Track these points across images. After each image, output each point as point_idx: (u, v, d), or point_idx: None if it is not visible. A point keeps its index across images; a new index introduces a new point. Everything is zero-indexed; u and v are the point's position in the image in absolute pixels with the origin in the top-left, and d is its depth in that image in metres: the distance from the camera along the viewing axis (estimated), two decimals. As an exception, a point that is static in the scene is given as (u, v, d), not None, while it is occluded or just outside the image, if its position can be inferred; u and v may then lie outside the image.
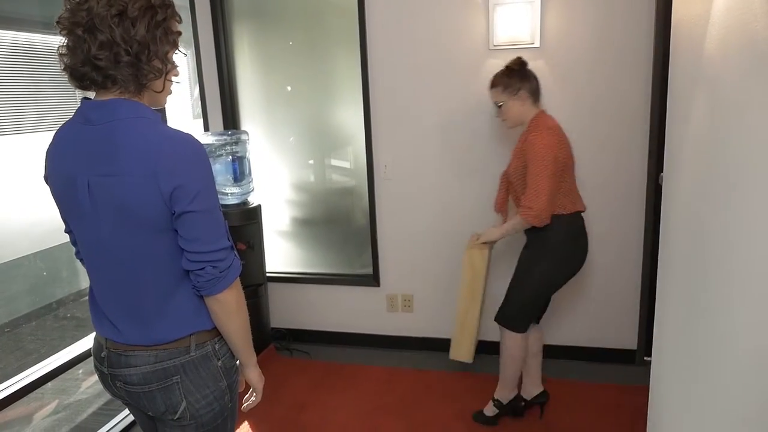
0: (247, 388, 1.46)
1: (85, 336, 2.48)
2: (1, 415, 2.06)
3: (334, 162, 3.37)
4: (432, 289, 3.24)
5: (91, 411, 2.83)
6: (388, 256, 3.26)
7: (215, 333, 1.32)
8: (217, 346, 1.32)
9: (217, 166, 3.04)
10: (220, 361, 1.33)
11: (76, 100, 1.24)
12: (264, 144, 3.39)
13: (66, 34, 1.14)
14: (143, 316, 1.26)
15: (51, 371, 2.27)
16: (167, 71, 1.23)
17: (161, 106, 1.29)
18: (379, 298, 3.34)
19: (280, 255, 3.51)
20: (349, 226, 3.41)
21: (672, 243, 1.48)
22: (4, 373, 2.75)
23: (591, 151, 2.87)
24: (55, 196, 1.28)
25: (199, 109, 3.28)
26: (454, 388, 2.88)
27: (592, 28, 2.75)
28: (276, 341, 3.44)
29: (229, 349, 1.36)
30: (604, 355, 3.08)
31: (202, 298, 1.27)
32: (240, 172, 3.11)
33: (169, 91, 1.28)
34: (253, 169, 3.24)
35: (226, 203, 3.09)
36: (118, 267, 1.23)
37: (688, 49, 1.38)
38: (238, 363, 1.40)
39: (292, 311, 3.51)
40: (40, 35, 2.60)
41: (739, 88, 0.96)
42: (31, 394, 2.19)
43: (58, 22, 1.14)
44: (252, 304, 3.15)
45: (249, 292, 3.12)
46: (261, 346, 3.26)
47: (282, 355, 3.36)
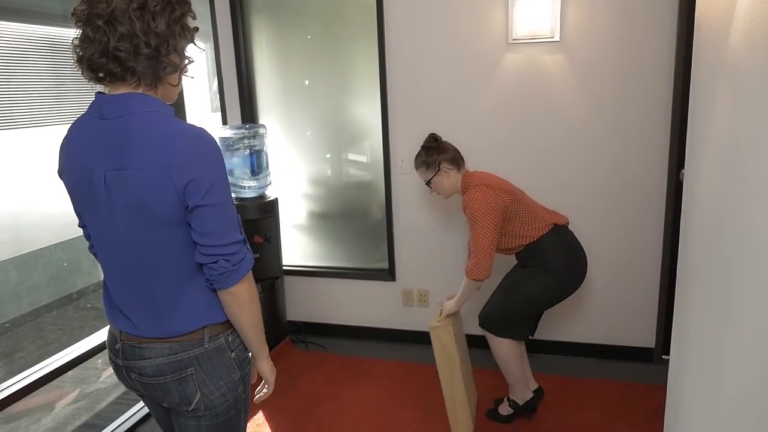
0: (260, 380, 1.47)
1: (104, 326, 2.52)
2: (23, 402, 2.10)
3: (351, 156, 3.37)
4: (448, 285, 3.23)
5: (110, 400, 2.88)
6: (404, 251, 3.26)
7: (228, 325, 1.33)
8: (230, 338, 1.34)
9: (235, 160, 3.06)
10: (234, 353, 1.34)
11: (94, 93, 1.24)
12: (281, 138, 3.40)
13: (83, 25, 1.14)
14: (157, 308, 1.27)
15: (71, 360, 2.31)
16: (184, 65, 1.24)
17: (172, 101, 1.29)
18: (394, 292, 3.34)
19: (297, 248, 3.53)
20: (365, 220, 3.41)
21: (692, 241, 1.46)
22: (26, 361, 2.81)
23: (611, 146, 2.83)
24: (70, 191, 1.29)
25: (217, 103, 3.30)
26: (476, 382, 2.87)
27: (614, 22, 2.70)
28: (292, 334, 3.46)
29: (242, 341, 1.37)
30: (621, 353, 3.05)
31: (215, 291, 1.28)
32: (257, 166, 3.12)
33: (180, 87, 1.29)
34: (270, 162, 3.25)
35: (243, 197, 3.11)
36: (133, 260, 1.24)
37: (711, 42, 1.34)
38: (250, 355, 1.41)
39: (308, 305, 3.52)
40: (60, 29, 2.63)
41: (764, 83, 0.94)
42: (52, 383, 2.23)
43: (74, 14, 1.15)
44: (268, 297, 3.19)
45: (265, 285, 3.14)
46: (277, 339, 3.29)
47: (298, 348, 3.38)
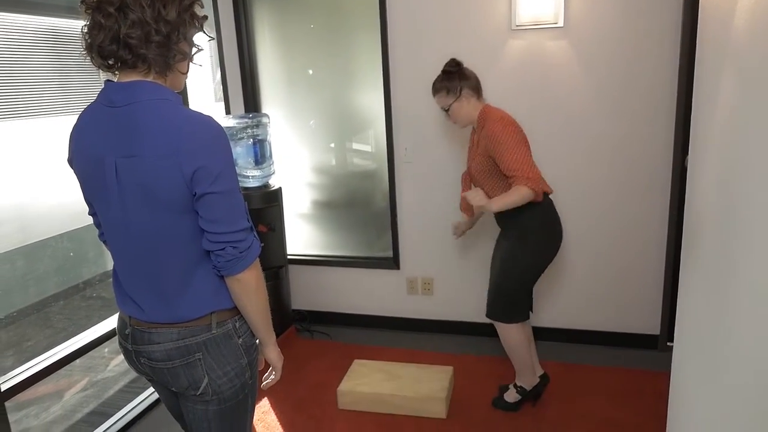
0: (267, 366, 1.48)
1: (111, 315, 2.54)
2: (32, 390, 2.12)
3: (355, 145, 3.36)
4: (452, 273, 3.24)
5: (117, 388, 2.91)
6: (408, 239, 3.26)
7: (235, 311, 1.35)
8: (237, 324, 1.35)
9: (238, 149, 3.06)
10: (241, 339, 1.36)
11: (100, 82, 1.24)
12: (285, 127, 3.40)
13: (94, 12, 1.14)
14: (165, 294, 1.28)
15: (78, 349, 2.34)
16: (192, 53, 1.26)
17: (180, 89, 1.30)
18: (399, 280, 3.35)
19: (301, 237, 3.54)
20: (369, 209, 3.41)
21: (696, 228, 1.45)
22: (34, 350, 2.84)
23: (615, 133, 2.82)
24: (80, 178, 1.30)
25: (221, 93, 3.30)
26: (474, 371, 2.89)
27: (618, 7, 2.68)
28: (297, 323, 3.48)
29: (249, 327, 1.38)
30: (626, 340, 3.05)
31: (222, 277, 1.29)
32: (261, 155, 3.12)
33: (188, 74, 1.29)
34: (274, 152, 3.25)
35: (247, 186, 3.12)
36: (141, 247, 1.26)
37: (715, 26, 1.33)
38: (257, 341, 1.43)
39: (312, 293, 3.54)
40: (65, 20, 2.63)
41: (766, 66, 0.93)
42: (61, 371, 2.26)
43: (84, 1, 1.15)
44: (273, 286, 3.20)
45: (270, 274, 3.16)
46: (282, 328, 3.30)
47: (302, 336, 3.39)
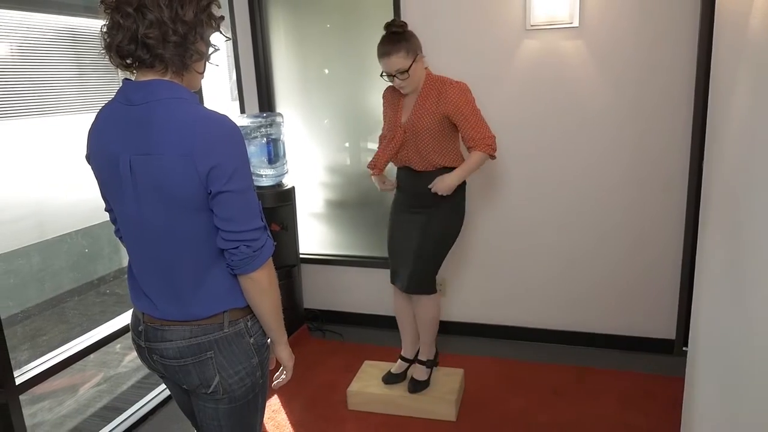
0: (278, 366, 1.48)
1: (125, 311, 2.57)
2: (47, 384, 2.15)
3: (370, 145, 3.36)
4: (464, 273, 3.22)
5: (130, 384, 2.94)
6: (421, 240, 3.25)
7: (248, 311, 1.35)
8: (249, 324, 1.35)
9: (252, 148, 3.08)
10: (252, 338, 1.36)
11: (119, 81, 1.26)
12: (299, 126, 3.41)
13: (113, 12, 1.15)
14: (179, 292, 1.29)
15: (93, 344, 2.36)
16: (209, 53, 1.27)
17: (197, 88, 1.31)
18: (411, 281, 3.33)
19: (314, 237, 3.55)
20: (382, 209, 3.40)
21: (712, 230, 1.43)
22: (50, 344, 2.88)
23: (631, 133, 2.79)
24: (97, 175, 1.31)
25: (236, 92, 3.32)
26: (485, 373, 2.87)
27: (634, 5, 2.64)
28: (309, 322, 3.49)
29: (261, 326, 1.38)
30: (641, 345, 3.01)
31: (235, 276, 1.30)
32: (274, 154, 3.14)
33: (204, 74, 1.31)
34: (287, 151, 3.26)
35: (260, 185, 3.13)
36: (156, 244, 1.26)
37: (732, 25, 1.31)
38: (269, 341, 1.43)
39: (325, 293, 3.54)
40: (84, 19, 2.67)
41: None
42: (75, 366, 2.28)
43: (103, 2, 1.16)
44: (285, 285, 3.21)
45: (282, 273, 3.17)
46: (294, 327, 3.31)
47: (315, 336, 3.40)
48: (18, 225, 2.02)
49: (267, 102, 3.39)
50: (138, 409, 2.64)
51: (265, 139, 3.09)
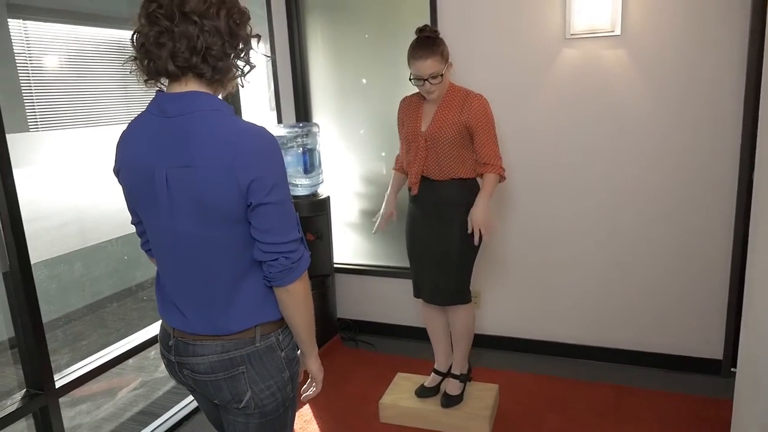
0: (306, 377, 1.47)
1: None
2: (86, 388, 2.20)
3: (405, 155, 3.35)
4: (500, 286, 3.16)
5: (166, 389, 2.98)
6: (456, 251, 3.21)
7: (279, 324, 1.34)
8: (280, 337, 1.34)
9: (288, 158, 3.11)
10: (283, 352, 1.34)
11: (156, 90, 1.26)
12: (335, 136, 3.42)
13: (145, 29, 1.15)
14: (212, 306, 1.28)
15: (130, 349, 2.40)
16: (246, 71, 1.26)
17: (229, 93, 1.31)
18: (445, 293, 3.29)
19: (348, 246, 3.54)
20: (417, 220, 3.38)
21: (762, 246, 1.35)
22: (90, 349, 2.95)
23: (676, 145, 2.69)
24: (126, 188, 1.30)
25: (273, 102, 3.36)
26: (520, 389, 2.80)
27: (680, 14, 2.56)
28: (342, 332, 3.48)
29: (292, 340, 1.37)
30: (685, 364, 2.88)
31: (269, 288, 1.29)
32: (310, 164, 3.16)
33: (234, 89, 1.31)
34: (323, 160, 3.28)
35: (296, 194, 3.15)
36: (190, 257, 1.26)
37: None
38: (299, 353, 1.42)
39: (358, 302, 3.53)
40: (126, 31, 2.75)
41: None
42: (113, 370, 2.33)
43: (141, 15, 1.16)
44: (319, 294, 3.21)
45: (316, 282, 3.17)
46: (327, 336, 3.31)
47: (347, 346, 3.39)
48: (61, 232, 2.08)
49: (304, 112, 3.42)
50: (173, 415, 2.68)
51: (301, 148, 3.11)
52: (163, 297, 1.37)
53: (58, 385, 2.08)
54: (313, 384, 1.47)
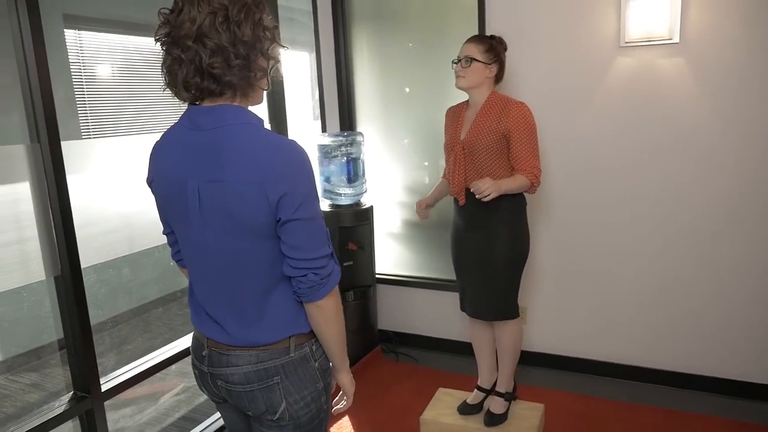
0: (337, 389, 1.45)
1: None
2: (130, 391, 2.22)
3: (449, 165, 3.30)
4: (548, 302, 3.06)
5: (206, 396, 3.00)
6: (501, 265, 3.13)
7: (312, 335, 1.32)
8: (314, 347, 1.33)
9: (332, 167, 3.10)
10: (317, 363, 1.33)
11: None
12: (378, 145, 3.40)
13: (169, 47, 1.14)
14: (244, 317, 1.28)
15: (174, 355, 2.42)
16: (271, 67, 1.24)
17: (260, 103, 1.29)
18: (489, 307, 3.21)
19: (391, 257, 3.51)
20: (460, 232, 3.32)
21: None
22: (135, 353, 3.00)
23: (733, 160, 2.56)
24: (159, 199, 1.31)
25: (318, 111, 3.37)
26: (567, 409, 2.70)
27: (744, 21, 2.44)
28: (383, 344, 3.44)
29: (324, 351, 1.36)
30: (744, 390, 2.72)
31: (301, 302, 1.27)
32: (354, 173, 3.14)
33: (268, 89, 1.28)
34: (366, 170, 3.26)
35: (338, 204, 3.14)
36: (222, 270, 1.25)
37: None
38: (331, 365, 1.40)
39: (400, 314, 3.49)
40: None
41: None
42: (157, 375, 2.34)
43: (157, 39, 1.16)
44: (360, 305, 3.19)
45: (358, 293, 3.14)
46: (367, 348, 3.27)
47: (388, 358, 3.34)
48: (109, 237, 2.12)
49: (348, 121, 3.41)
50: (214, 421, 2.68)
51: (345, 158, 3.10)
52: (195, 307, 1.37)
53: (104, 388, 2.10)
54: (344, 397, 1.45)
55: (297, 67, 3.48)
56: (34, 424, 1.86)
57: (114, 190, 2.16)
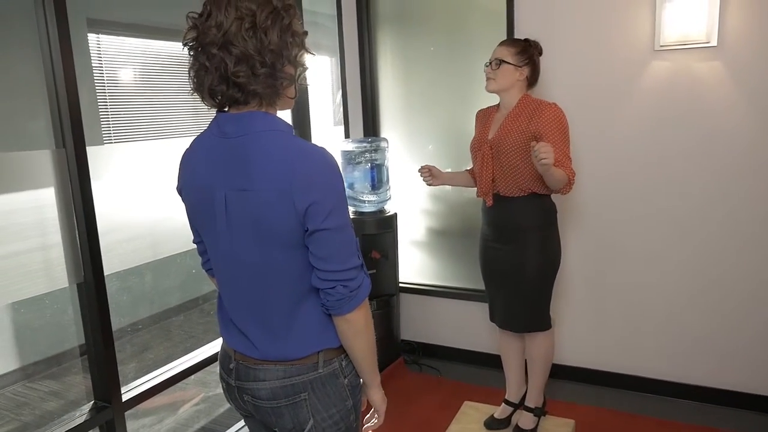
0: (369, 407, 1.41)
1: (226, 333, 2.58)
2: (150, 401, 2.19)
3: (473, 172, 3.24)
4: (578, 313, 2.97)
5: (227, 407, 2.95)
6: (528, 274, 3.05)
7: (342, 350, 1.28)
8: (343, 363, 1.29)
9: (356, 174, 3.05)
10: (347, 379, 1.29)
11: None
12: (402, 151, 3.35)
13: (197, 54, 1.12)
14: (273, 330, 1.24)
15: (195, 364, 2.38)
16: (299, 74, 1.20)
17: (289, 109, 1.26)
18: (515, 318, 3.13)
19: (414, 265, 3.44)
20: (486, 240, 3.25)
21: None
22: (156, 361, 2.96)
23: (779, 166, 2.47)
24: (189, 207, 1.29)
25: (340, 115, 3.33)
26: (597, 426, 2.60)
27: (787, 23, 2.35)
28: (405, 354, 3.37)
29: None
30: (785, 408, 2.61)
31: (329, 315, 1.23)
32: (378, 180, 3.09)
33: (295, 98, 1.25)
34: (390, 176, 3.20)
35: (362, 211, 3.09)
36: (249, 280, 1.23)
37: None
38: (361, 381, 1.36)
39: (423, 324, 3.41)
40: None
41: None
42: (177, 384, 2.30)
43: (185, 44, 1.13)
44: (383, 314, 3.12)
45: (380, 302, 3.08)
46: (390, 358, 3.21)
47: (411, 369, 3.27)
48: (133, 244, 2.09)
49: (372, 127, 3.36)
50: (233, 433, 2.63)
51: (369, 164, 3.05)
52: (224, 318, 1.34)
53: (125, 398, 2.06)
54: (376, 414, 1.41)
55: (319, 72, 3.45)
56: (54, 434, 1.82)
57: (137, 196, 2.13)
